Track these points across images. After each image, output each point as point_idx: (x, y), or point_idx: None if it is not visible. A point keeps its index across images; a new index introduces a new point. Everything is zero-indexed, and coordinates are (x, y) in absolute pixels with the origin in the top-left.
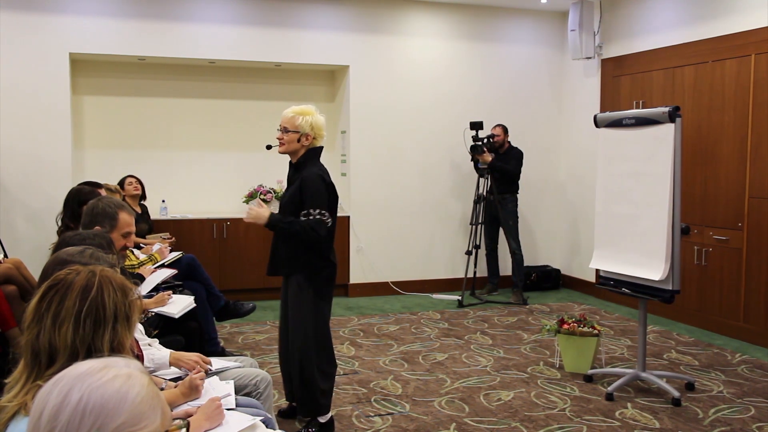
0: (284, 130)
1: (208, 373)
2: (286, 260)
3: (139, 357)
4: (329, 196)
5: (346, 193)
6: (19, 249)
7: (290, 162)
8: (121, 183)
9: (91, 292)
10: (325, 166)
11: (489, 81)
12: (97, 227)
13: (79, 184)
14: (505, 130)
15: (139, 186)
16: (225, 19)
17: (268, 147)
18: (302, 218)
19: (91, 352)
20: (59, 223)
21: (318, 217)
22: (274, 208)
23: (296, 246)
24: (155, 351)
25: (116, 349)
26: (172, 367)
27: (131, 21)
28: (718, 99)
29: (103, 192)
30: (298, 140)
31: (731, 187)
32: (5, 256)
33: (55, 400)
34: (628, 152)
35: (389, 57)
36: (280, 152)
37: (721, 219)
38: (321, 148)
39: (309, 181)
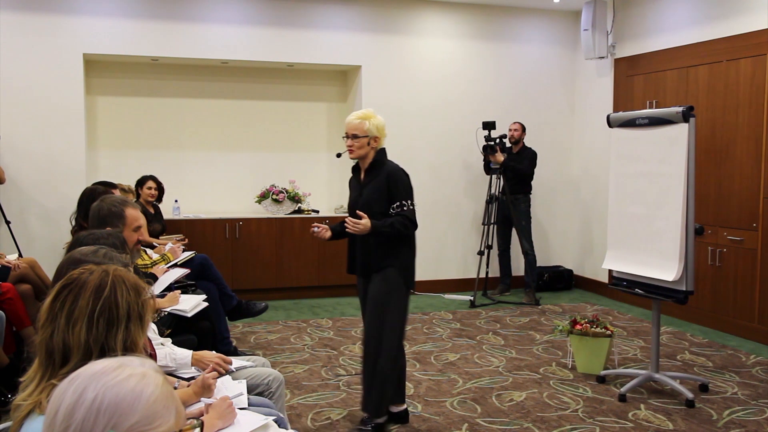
0: (353, 136)
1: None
2: (382, 257)
3: (152, 356)
4: (412, 187)
5: None
6: (33, 248)
7: (355, 167)
8: (141, 182)
9: (104, 292)
10: (339, 165)
11: (501, 81)
12: (107, 228)
13: (93, 184)
14: (523, 127)
15: (156, 192)
16: (237, 20)
17: (338, 155)
18: (395, 210)
19: (104, 352)
20: (73, 223)
21: (411, 207)
22: (287, 207)
23: (391, 242)
24: (176, 350)
25: (129, 349)
26: (193, 367)
27: (144, 22)
28: (732, 98)
29: (117, 192)
30: (368, 144)
31: (746, 187)
32: (20, 255)
33: (71, 399)
34: (642, 152)
35: (401, 57)
36: (352, 158)
37: (736, 219)
38: (384, 148)
39: (396, 176)
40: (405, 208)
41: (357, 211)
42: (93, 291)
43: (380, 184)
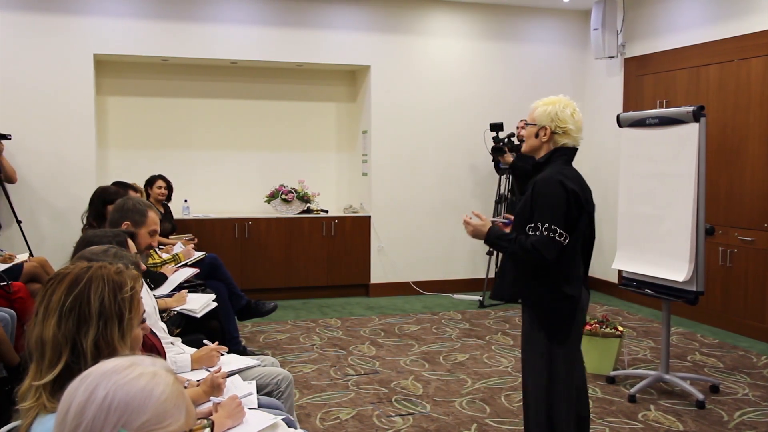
0: (525, 123)
1: (230, 372)
2: (512, 283)
3: (162, 355)
4: (571, 207)
5: (367, 193)
6: (44, 248)
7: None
8: (151, 182)
9: (77, 287)
10: (348, 165)
11: (510, 81)
12: (126, 222)
13: (113, 183)
14: None
15: (166, 191)
16: (247, 20)
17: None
18: (529, 233)
19: (76, 348)
20: (84, 222)
21: (545, 233)
22: (297, 207)
23: (523, 267)
24: (178, 354)
25: (102, 348)
26: (193, 370)
27: (154, 22)
28: (743, 98)
29: (132, 193)
30: (536, 135)
31: (757, 187)
32: (31, 254)
33: (81, 397)
34: (652, 152)
35: (410, 57)
36: (523, 151)
37: (747, 219)
38: (572, 149)
39: (542, 187)
40: (537, 233)
41: (505, 214)
42: (67, 286)
43: (527, 195)
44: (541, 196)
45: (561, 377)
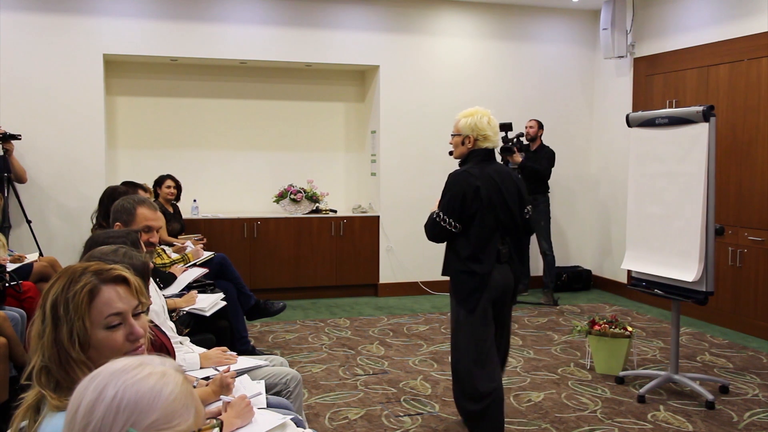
0: (452, 134)
1: (239, 372)
2: (445, 260)
3: (171, 354)
4: (467, 201)
5: (376, 193)
6: (53, 247)
7: None
8: (160, 182)
9: (45, 287)
10: (356, 165)
11: (520, 81)
12: (117, 223)
13: (122, 183)
14: (540, 124)
15: (175, 191)
16: (256, 20)
17: (451, 153)
18: (432, 213)
19: (41, 348)
20: (93, 221)
21: (436, 219)
22: (305, 207)
23: (447, 247)
24: (187, 354)
25: (56, 350)
26: (203, 369)
27: (164, 22)
28: (753, 98)
29: (141, 193)
30: (462, 143)
31: (767, 187)
32: (40, 254)
33: (91, 396)
34: (661, 152)
35: (419, 57)
36: (454, 158)
37: (757, 219)
38: (485, 150)
39: (448, 182)
40: (433, 215)
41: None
42: (47, 286)
43: None
44: (445, 188)
45: (467, 337)
